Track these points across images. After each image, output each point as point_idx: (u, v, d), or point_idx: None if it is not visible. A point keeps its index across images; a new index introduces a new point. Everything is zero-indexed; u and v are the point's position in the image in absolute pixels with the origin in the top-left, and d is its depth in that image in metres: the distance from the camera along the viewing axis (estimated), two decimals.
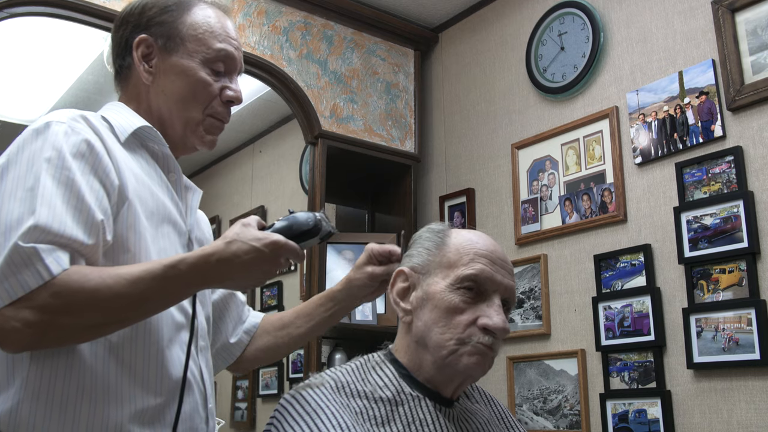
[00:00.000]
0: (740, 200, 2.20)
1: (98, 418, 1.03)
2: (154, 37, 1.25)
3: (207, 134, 1.28)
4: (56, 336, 0.99)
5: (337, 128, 3.10)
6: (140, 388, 1.08)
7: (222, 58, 1.27)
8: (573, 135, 2.77)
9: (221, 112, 1.28)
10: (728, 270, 2.20)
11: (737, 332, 2.14)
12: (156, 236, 1.16)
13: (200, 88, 1.25)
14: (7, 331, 0.96)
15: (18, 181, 1.02)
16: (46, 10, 2.46)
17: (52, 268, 0.96)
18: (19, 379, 1.01)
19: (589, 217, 2.65)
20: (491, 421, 1.28)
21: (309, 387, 1.16)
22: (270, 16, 3.01)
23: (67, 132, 1.08)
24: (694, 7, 2.44)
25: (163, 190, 1.22)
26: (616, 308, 2.48)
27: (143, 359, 1.09)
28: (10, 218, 0.99)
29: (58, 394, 1.01)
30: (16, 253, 0.95)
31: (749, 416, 2.10)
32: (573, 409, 2.56)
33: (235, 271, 1.06)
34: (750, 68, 2.25)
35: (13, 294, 0.95)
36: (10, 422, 0.99)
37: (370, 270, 1.38)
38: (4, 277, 0.95)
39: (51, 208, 0.99)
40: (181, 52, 1.25)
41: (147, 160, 1.23)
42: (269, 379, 3.43)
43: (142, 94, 1.27)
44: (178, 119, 1.26)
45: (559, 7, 2.90)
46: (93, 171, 1.07)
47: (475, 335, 1.16)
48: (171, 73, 1.25)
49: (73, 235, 1.00)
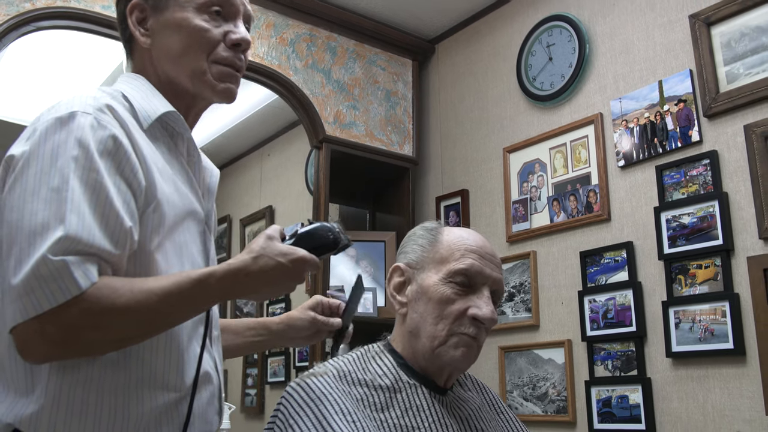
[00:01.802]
0: (715, 201, 2.19)
1: (119, 420, 0.96)
2: (144, 0, 1.14)
3: (219, 82, 1.13)
4: (79, 349, 0.91)
5: (341, 133, 3.10)
6: (161, 388, 1.01)
7: (217, 2, 1.13)
8: (560, 140, 2.77)
9: (227, 57, 1.13)
10: (704, 265, 2.20)
11: (712, 323, 2.14)
12: (178, 232, 1.07)
13: (197, 35, 1.11)
14: (30, 343, 0.88)
15: (41, 177, 0.91)
16: (69, 24, 2.47)
17: (81, 283, 0.87)
18: (39, 386, 0.93)
19: (575, 217, 2.65)
20: (483, 407, 1.29)
21: (313, 375, 1.16)
22: (278, 28, 3.01)
23: (93, 125, 0.97)
24: (673, 20, 2.44)
25: (185, 178, 1.12)
26: (601, 301, 2.47)
27: (164, 361, 1.01)
28: (34, 221, 0.89)
29: (78, 401, 0.93)
30: (44, 265, 0.86)
31: (723, 401, 2.10)
32: (560, 395, 2.56)
33: (261, 285, 1.01)
34: (725, 78, 2.25)
35: (39, 308, 0.86)
36: (31, 426, 0.92)
37: (313, 315, 1.36)
38: (31, 289, 0.86)
39: (80, 216, 0.90)
40: (172, 7, 1.12)
41: (168, 145, 1.12)
42: (277, 368, 3.43)
43: (147, 61, 1.15)
44: (184, 74, 1.12)
45: (547, 21, 2.90)
46: (120, 171, 0.97)
47: (464, 325, 1.17)
48: (166, 30, 1.12)
49: (102, 246, 0.90)
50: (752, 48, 2.19)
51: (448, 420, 1.16)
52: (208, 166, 1.24)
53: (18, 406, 0.92)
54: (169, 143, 1.12)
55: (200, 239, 1.14)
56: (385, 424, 1.11)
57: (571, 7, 2.83)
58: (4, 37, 2.31)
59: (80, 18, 2.46)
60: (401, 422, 1.12)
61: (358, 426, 1.08)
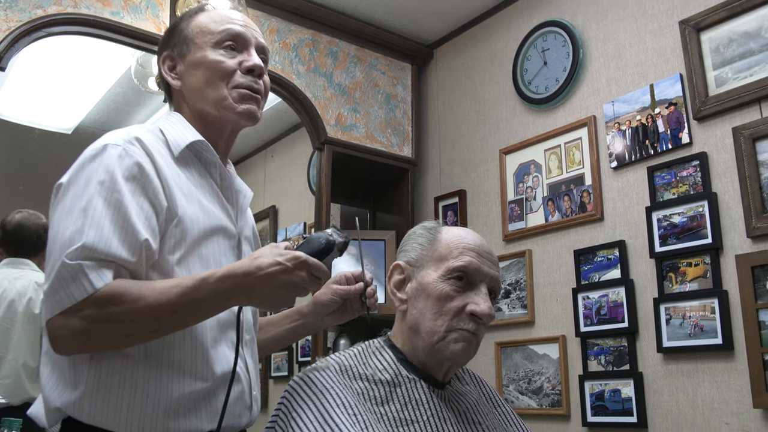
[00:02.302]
0: (705, 201, 2.21)
1: (149, 408, 1.04)
2: (172, 50, 1.29)
3: (239, 104, 1.23)
4: (100, 341, 1.02)
5: (342, 135, 3.11)
6: (189, 377, 1.08)
7: (228, 37, 1.25)
8: (555, 141, 2.78)
9: (244, 82, 1.24)
10: (694, 263, 2.22)
11: (702, 319, 2.15)
12: (204, 246, 1.15)
13: (215, 67, 1.23)
14: (58, 336, 1.00)
15: (75, 200, 1.05)
16: (79, 30, 2.48)
17: (95, 283, 0.98)
18: (81, 378, 1.04)
19: (569, 216, 2.66)
20: (480, 400, 1.29)
21: (315, 370, 1.17)
22: (281, 34, 3.02)
23: (121, 155, 1.08)
24: (664, 26, 2.45)
25: (214, 199, 1.22)
26: (594, 298, 2.49)
27: (191, 355, 1.09)
28: (64, 236, 1.02)
29: (114, 391, 1.03)
30: (64, 268, 0.99)
31: (712, 394, 2.12)
32: (555, 389, 2.57)
33: (260, 284, 1.03)
34: (714, 82, 2.26)
35: (63, 305, 0.98)
36: (74, 411, 1.04)
37: (334, 287, 1.37)
38: (55, 290, 0.99)
39: (98, 230, 1.01)
40: (193, 50, 1.25)
41: (199, 170, 1.23)
42: (280, 363, 3.44)
43: (180, 100, 1.28)
44: (209, 103, 1.24)
45: (542, 26, 2.91)
46: (143, 192, 1.08)
47: (463, 321, 1.17)
48: (191, 70, 1.25)
49: (117, 254, 1.01)
50: (740, 53, 2.21)
51: (446, 414, 1.17)
52: (242, 189, 1.33)
53: (65, 394, 1.05)
54: (200, 169, 1.23)
55: (232, 252, 1.22)
56: (385, 417, 1.12)
57: (565, 13, 2.84)
58: (17, 42, 2.32)
59: (90, 24, 2.47)
60: (401, 416, 1.13)
61: (358, 419, 1.08)
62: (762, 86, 2.12)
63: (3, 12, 2.30)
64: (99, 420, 1.03)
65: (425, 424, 1.13)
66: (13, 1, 2.32)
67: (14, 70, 3.00)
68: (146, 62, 3.05)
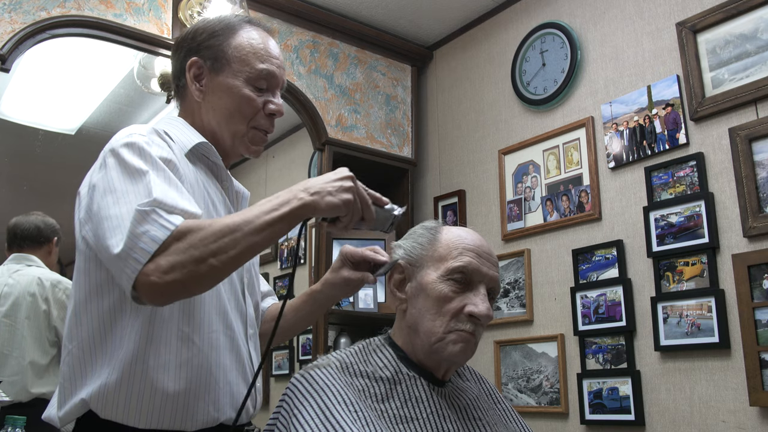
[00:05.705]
0: (702, 201, 2.21)
1: (164, 405, 1.09)
2: (203, 59, 1.26)
3: (252, 144, 1.29)
4: (192, 273, 0.99)
5: (342, 136, 3.11)
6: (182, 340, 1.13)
7: (264, 77, 1.27)
8: (553, 142, 2.78)
9: (264, 123, 1.28)
10: (691, 263, 2.22)
11: (699, 318, 2.15)
12: None
13: (244, 103, 1.25)
14: (153, 285, 0.98)
15: (126, 186, 1.05)
16: (82, 32, 2.48)
17: (173, 221, 1.00)
18: (103, 372, 1.08)
19: (567, 216, 2.66)
20: (480, 397, 1.29)
21: (317, 367, 1.17)
22: (282, 35, 3.02)
23: (149, 143, 1.11)
24: (661, 28, 2.45)
25: (219, 198, 1.25)
26: (592, 297, 2.49)
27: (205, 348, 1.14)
28: (128, 198, 1.02)
29: (136, 386, 1.08)
30: (139, 214, 0.99)
31: (708, 392, 2.12)
32: (553, 387, 2.57)
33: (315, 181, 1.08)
34: (710, 83, 2.26)
35: (150, 249, 0.98)
36: (99, 398, 1.07)
37: (346, 275, 1.34)
38: (137, 237, 0.98)
39: (163, 191, 1.03)
40: (227, 72, 1.25)
41: (205, 171, 1.25)
42: (281, 361, 3.44)
43: (195, 111, 1.28)
44: (227, 132, 1.26)
45: (541, 28, 2.91)
46: (176, 176, 1.12)
47: (461, 322, 1.17)
48: (219, 91, 1.25)
49: (184, 207, 1.03)
50: (736, 54, 2.20)
51: (446, 410, 1.17)
52: (240, 190, 1.37)
53: (91, 385, 1.09)
54: (205, 170, 1.26)
55: None
56: (385, 414, 1.12)
57: (563, 15, 2.84)
58: (21, 44, 2.32)
59: (93, 26, 2.47)
60: (401, 412, 1.13)
61: (359, 416, 1.08)
62: (758, 87, 2.12)
63: (8, 14, 2.30)
64: (120, 415, 1.07)
65: (425, 421, 1.13)
66: (18, 4, 2.32)
67: (18, 72, 3.00)
68: (149, 64, 3.05)
